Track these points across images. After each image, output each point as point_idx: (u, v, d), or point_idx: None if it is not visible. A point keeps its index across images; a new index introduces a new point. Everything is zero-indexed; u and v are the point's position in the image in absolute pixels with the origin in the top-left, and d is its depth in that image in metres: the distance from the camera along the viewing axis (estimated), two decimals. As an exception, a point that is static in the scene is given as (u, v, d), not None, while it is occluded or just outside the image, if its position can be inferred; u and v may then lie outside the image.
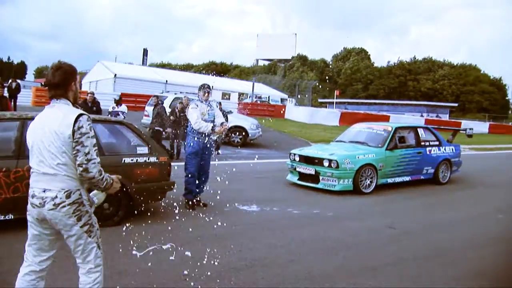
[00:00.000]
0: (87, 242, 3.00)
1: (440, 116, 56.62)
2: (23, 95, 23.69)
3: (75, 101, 3.08)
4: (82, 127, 2.89)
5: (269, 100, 45.45)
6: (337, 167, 9.32)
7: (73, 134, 2.87)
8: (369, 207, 8.59)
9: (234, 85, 49.38)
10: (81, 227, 2.96)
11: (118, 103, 14.74)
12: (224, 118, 9.13)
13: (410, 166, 10.69)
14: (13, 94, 20.39)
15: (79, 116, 2.91)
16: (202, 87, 7.69)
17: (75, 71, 3.08)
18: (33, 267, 3.04)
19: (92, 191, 3.13)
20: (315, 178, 9.72)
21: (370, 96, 77.33)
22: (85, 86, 41.71)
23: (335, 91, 53.76)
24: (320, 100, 67.39)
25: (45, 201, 2.88)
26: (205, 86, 7.70)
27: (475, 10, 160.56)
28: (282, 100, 49.26)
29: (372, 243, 6.23)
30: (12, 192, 5.42)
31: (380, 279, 4.87)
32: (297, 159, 10.15)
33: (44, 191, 2.89)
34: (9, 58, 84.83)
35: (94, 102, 13.08)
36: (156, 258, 4.94)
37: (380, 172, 9.92)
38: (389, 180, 10.28)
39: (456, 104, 70.13)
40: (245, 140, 17.62)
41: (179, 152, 13.32)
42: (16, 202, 5.33)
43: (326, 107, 55.21)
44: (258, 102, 39.37)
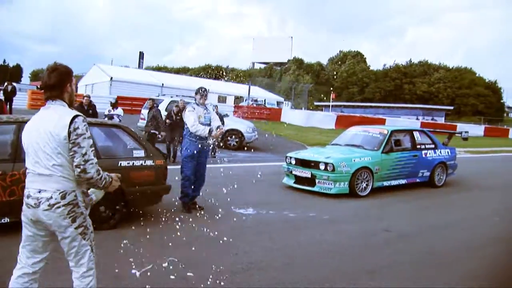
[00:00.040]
0: (81, 245, 2.99)
1: (436, 119, 56.79)
2: (19, 98, 23.66)
3: (71, 103, 3.08)
4: (78, 128, 2.88)
5: (265, 103, 45.50)
6: (333, 170, 9.34)
7: (69, 136, 2.86)
8: (365, 210, 8.61)
9: (230, 88, 49.41)
10: (76, 229, 2.94)
11: (114, 106, 14.72)
12: (220, 121, 9.14)
13: (406, 169, 10.72)
14: (9, 97, 20.36)
15: (75, 117, 2.90)
16: (199, 91, 7.70)
17: (71, 73, 3.08)
18: (26, 269, 3.03)
19: (91, 188, 3.13)
20: (311, 181, 9.73)
21: (366, 99, 77.53)
22: (81, 89, 41.63)
23: (331, 94, 53.96)
24: (316, 103, 67.52)
25: (40, 202, 2.87)
26: (202, 90, 7.71)
27: (471, 13, 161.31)
28: (278, 103, 49.35)
29: (368, 246, 6.24)
30: (8, 196, 5.40)
31: (377, 282, 4.88)
32: (293, 162, 10.16)
33: (40, 192, 2.89)
34: (5, 61, 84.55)
35: (90, 105, 13.07)
36: (153, 261, 4.93)
37: (376, 175, 9.94)
38: (385, 183, 10.30)
39: (452, 107, 70.37)
40: (241, 143, 17.61)
41: (175, 155, 13.31)
42: (12, 206, 5.31)
43: (322, 110, 55.40)
44: (254, 105, 39.41)
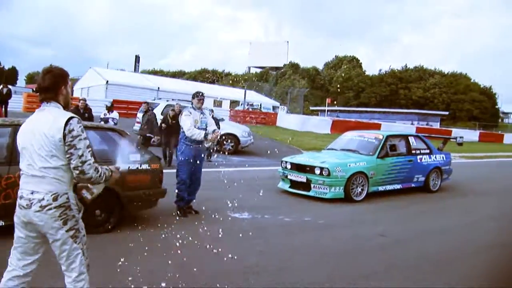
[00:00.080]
0: (72, 248, 2.98)
1: (431, 124, 56.96)
2: (14, 101, 23.58)
3: (66, 105, 3.08)
4: (73, 130, 2.89)
5: (261, 108, 45.52)
6: (329, 175, 9.35)
7: (64, 138, 2.87)
8: (360, 215, 8.63)
9: (226, 93, 49.42)
10: (67, 231, 2.94)
11: (110, 110, 14.69)
12: (216, 126, 9.14)
13: (401, 174, 10.74)
14: (4, 100, 20.27)
15: (69, 119, 2.91)
16: (196, 95, 7.71)
17: (66, 75, 3.08)
18: (17, 272, 3.02)
19: None
20: (307, 186, 9.74)
21: (362, 104, 77.71)
22: (77, 93, 41.58)
23: (327, 99, 54.07)
24: (312, 108, 67.71)
25: (32, 203, 2.88)
26: (199, 94, 7.72)
27: (466, 19, 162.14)
28: (274, 108, 49.36)
29: (364, 251, 6.25)
30: (3, 199, 5.39)
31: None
32: (289, 167, 10.17)
33: (32, 193, 2.89)
34: (0, 64, 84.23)
35: (86, 109, 13.04)
36: (149, 265, 4.93)
37: (371, 180, 9.96)
38: (380, 188, 10.32)
39: (447, 113, 70.71)
40: (237, 148, 17.62)
41: (171, 159, 13.29)
42: (8, 209, 5.26)
43: (318, 115, 55.46)
44: (250, 110, 39.42)
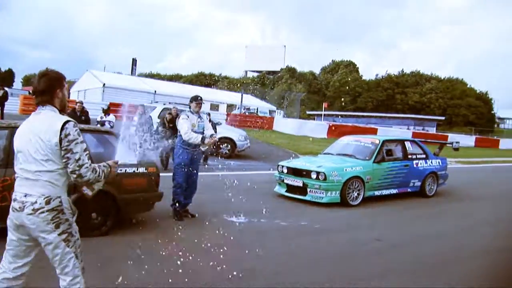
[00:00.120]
0: (65, 252, 2.96)
1: (427, 129, 57.08)
2: (11, 103, 23.49)
3: (62, 108, 3.08)
4: (69, 135, 2.89)
5: (258, 112, 45.54)
6: (325, 179, 9.36)
7: (60, 142, 2.87)
8: (357, 220, 8.63)
9: (223, 96, 49.42)
10: (59, 235, 2.92)
11: (106, 113, 14.67)
12: (213, 129, 9.15)
13: (397, 179, 10.76)
14: (1, 102, 20.22)
15: (65, 123, 2.91)
16: (195, 99, 7.71)
17: (61, 78, 3.08)
18: (7, 274, 3.01)
19: None
20: (303, 190, 9.75)
21: (358, 109, 77.88)
22: (74, 95, 41.46)
23: (323, 104, 54.13)
24: (308, 112, 67.74)
25: (25, 206, 2.88)
26: (198, 98, 7.72)
27: (462, 25, 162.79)
28: (271, 112, 49.40)
29: (360, 255, 6.26)
30: (0, 201, 5.37)
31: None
32: (285, 171, 10.18)
33: (25, 196, 2.89)
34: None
35: (83, 112, 13.03)
36: (145, 269, 4.92)
37: (368, 185, 9.98)
38: (376, 193, 10.33)
39: (443, 118, 70.88)
40: (233, 152, 17.61)
41: (167, 163, 13.28)
42: (4, 212, 5.26)
43: (314, 119, 55.45)
44: (247, 114, 39.42)
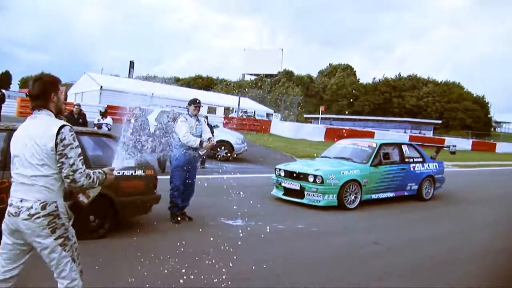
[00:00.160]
0: (62, 256, 2.95)
1: (424, 133, 57.20)
2: (8, 105, 23.49)
3: (58, 112, 3.08)
4: (65, 139, 2.89)
5: (255, 115, 45.56)
6: (322, 183, 9.37)
7: (56, 147, 2.87)
8: (354, 223, 8.65)
9: (220, 99, 49.44)
10: (55, 240, 2.92)
11: (104, 115, 14.65)
12: (211, 133, 9.15)
13: (394, 182, 10.78)
14: (-2, 104, 20.18)
15: (61, 128, 2.91)
16: (193, 102, 7.72)
17: (56, 82, 3.08)
18: None
19: None
20: (300, 193, 9.76)
21: (355, 112, 77.90)
22: (71, 98, 41.45)
23: (321, 107, 54.13)
24: (306, 116, 67.75)
25: (21, 211, 2.87)
26: (196, 101, 7.74)
27: (459, 29, 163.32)
28: (268, 115, 49.41)
29: (357, 259, 6.27)
30: (-3, 204, 5.36)
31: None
32: (282, 174, 10.19)
33: (21, 201, 2.89)
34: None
35: (81, 114, 13.02)
36: (143, 271, 4.93)
37: (365, 188, 9.99)
38: (373, 196, 10.35)
39: (440, 121, 71.02)
40: (231, 155, 17.60)
41: (165, 165, 13.27)
42: (2, 214, 5.27)
43: (312, 123, 55.53)
44: (244, 117, 39.44)
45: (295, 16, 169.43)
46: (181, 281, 4.75)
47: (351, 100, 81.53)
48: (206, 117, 13.65)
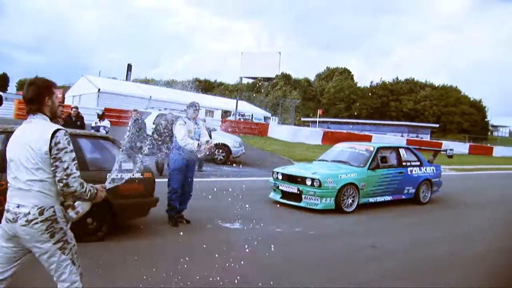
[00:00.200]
0: (61, 260, 2.95)
1: (421, 137, 57.27)
2: (5, 108, 23.48)
3: (54, 116, 3.07)
4: (59, 143, 2.87)
5: (252, 118, 45.61)
6: (320, 186, 9.38)
7: (50, 151, 2.85)
8: (351, 226, 8.65)
9: (218, 103, 49.47)
10: (54, 244, 2.91)
11: (101, 118, 14.62)
12: (209, 136, 9.16)
13: (392, 186, 10.80)
14: (-5, 107, 20.17)
15: (56, 132, 2.89)
16: (192, 105, 7.73)
17: (50, 86, 3.06)
18: None
19: (77, 201, 3.10)
20: (298, 197, 9.76)
21: (353, 116, 77.95)
22: (69, 100, 41.44)
23: (318, 110, 54.27)
24: (303, 119, 67.86)
25: (18, 217, 2.86)
26: (195, 105, 7.75)
27: (456, 34, 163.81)
28: (265, 118, 49.49)
29: (354, 262, 6.27)
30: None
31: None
32: (280, 178, 10.20)
33: (18, 207, 2.87)
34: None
35: (78, 117, 13.00)
36: (141, 273, 4.93)
37: (362, 192, 10.00)
38: (371, 200, 10.36)
39: (437, 125, 71.17)
40: (228, 158, 17.60)
41: (163, 168, 13.27)
42: (0, 216, 5.26)
43: (309, 126, 55.61)
44: (241, 120, 39.48)
45: (293, 20, 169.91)
46: (180, 284, 4.75)
47: (349, 104, 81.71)
48: (204, 120, 13.66)
